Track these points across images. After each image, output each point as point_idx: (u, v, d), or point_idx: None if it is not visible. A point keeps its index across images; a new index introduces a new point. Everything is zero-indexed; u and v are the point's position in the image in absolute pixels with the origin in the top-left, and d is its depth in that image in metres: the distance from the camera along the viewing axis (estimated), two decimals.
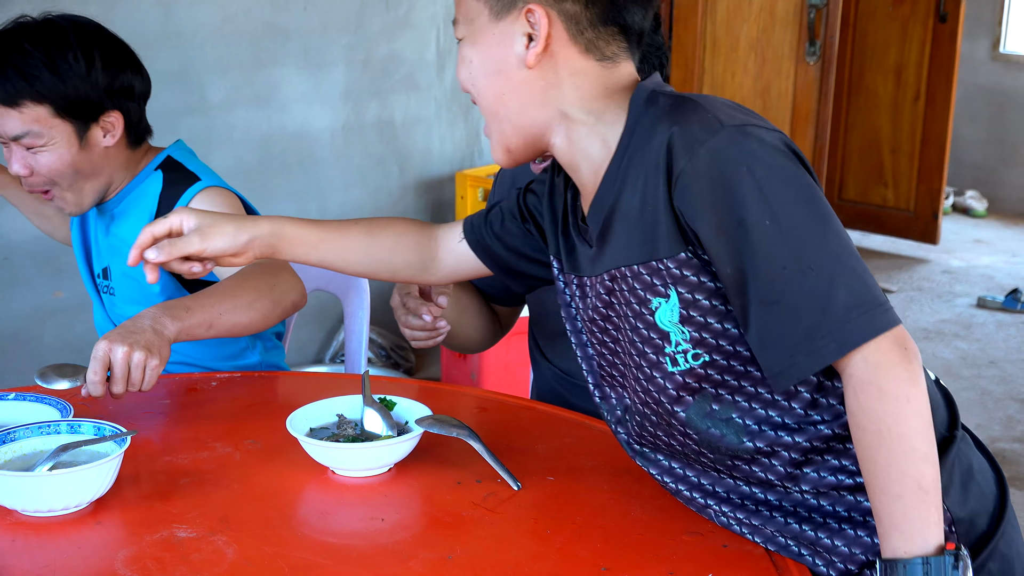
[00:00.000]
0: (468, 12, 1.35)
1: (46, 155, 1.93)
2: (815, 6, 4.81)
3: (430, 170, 4.37)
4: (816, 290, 1.17)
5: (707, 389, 1.29)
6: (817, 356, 1.18)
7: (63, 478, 1.39)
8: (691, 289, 1.25)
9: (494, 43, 1.33)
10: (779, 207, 1.18)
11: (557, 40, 1.31)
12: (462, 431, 1.53)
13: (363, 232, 1.56)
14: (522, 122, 1.35)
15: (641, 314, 1.30)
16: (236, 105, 3.68)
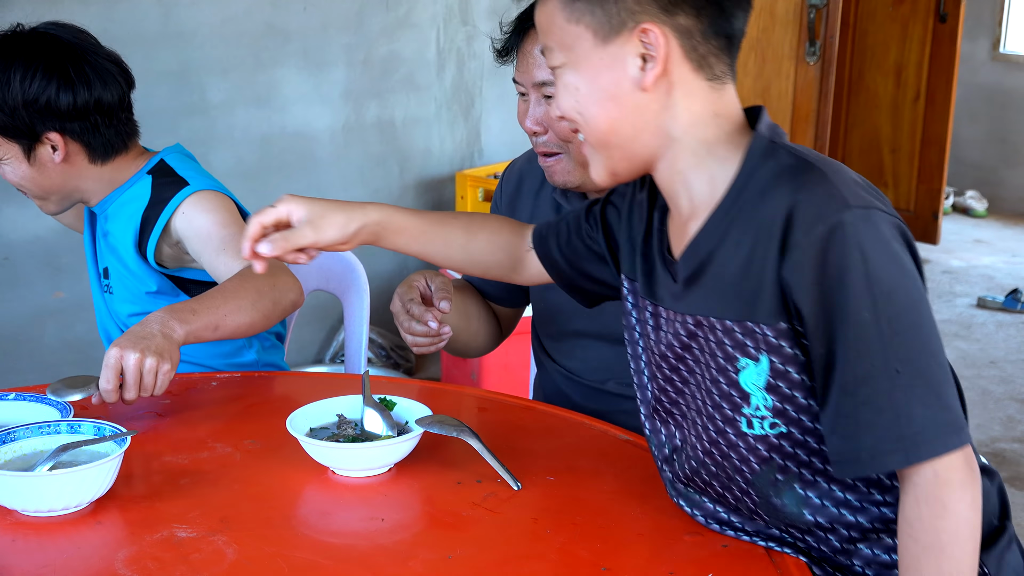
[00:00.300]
0: (564, 38, 1.28)
1: (6, 168, 1.99)
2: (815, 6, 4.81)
3: (430, 170, 4.37)
4: (896, 396, 1.16)
5: (775, 460, 1.28)
6: (881, 461, 1.18)
7: (63, 478, 1.39)
8: (784, 360, 1.23)
9: (604, 68, 1.26)
10: (883, 303, 1.16)
11: (672, 59, 1.25)
12: (462, 431, 1.53)
13: (463, 228, 1.54)
14: (633, 148, 1.29)
15: (724, 369, 1.28)
16: (236, 105, 3.68)
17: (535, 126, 1.76)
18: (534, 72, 1.74)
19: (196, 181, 2.02)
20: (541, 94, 1.75)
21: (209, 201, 1.99)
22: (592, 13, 1.25)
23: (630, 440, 1.63)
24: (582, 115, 1.29)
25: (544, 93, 1.74)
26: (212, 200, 2.00)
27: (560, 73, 1.30)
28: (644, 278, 1.39)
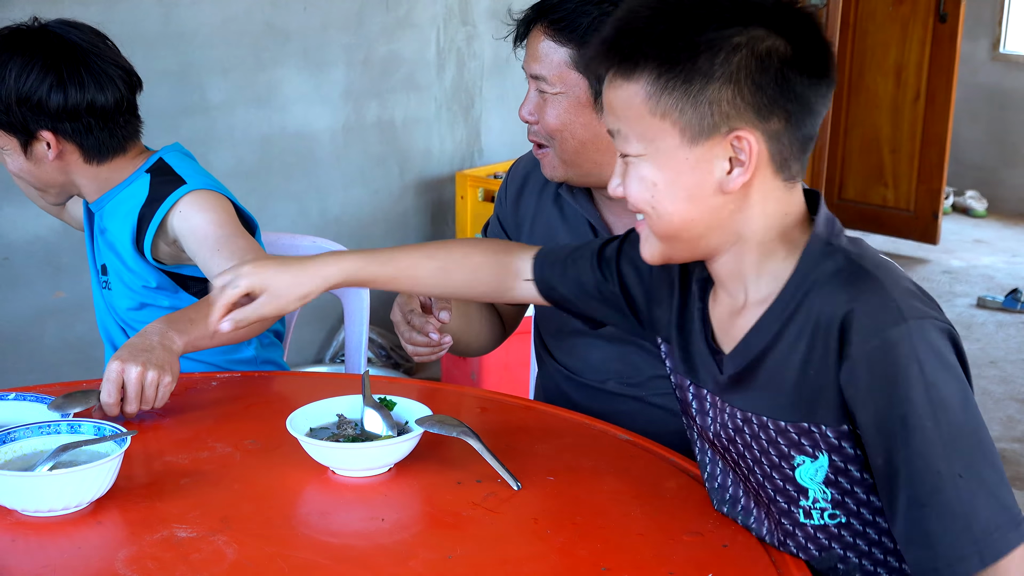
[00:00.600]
0: (648, 131, 1.22)
1: (8, 159, 2.01)
2: (815, 6, 4.80)
3: (430, 170, 4.37)
4: (963, 501, 1.18)
5: (835, 549, 1.29)
6: (959, 568, 1.18)
7: (63, 478, 1.39)
8: (845, 459, 1.24)
9: (688, 169, 1.22)
10: (943, 411, 1.17)
11: (759, 164, 1.22)
12: (462, 431, 1.53)
13: (438, 268, 1.53)
14: (699, 244, 1.27)
15: (780, 466, 1.28)
16: (236, 105, 3.68)
17: (528, 115, 1.78)
18: (531, 64, 1.75)
19: (193, 180, 2.02)
20: (536, 87, 1.76)
21: (206, 201, 1.99)
22: (681, 112, 1.20)
23: (630, 440, 1.63)
24: (655, 209, 1.25)
25: (538, 88, 1.75)
26: (209, 200, 2.00)
27: (634, 163, 1.25)
28: (681, 353, 1.38)
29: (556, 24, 1.72)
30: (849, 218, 6.15)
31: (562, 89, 1.73)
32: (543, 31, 1.74)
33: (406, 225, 4.32)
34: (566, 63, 1.72)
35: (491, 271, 1.56)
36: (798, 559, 1.31)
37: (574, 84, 1.72)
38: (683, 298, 1.39)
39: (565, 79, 1.72)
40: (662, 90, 1.20)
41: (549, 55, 1.73)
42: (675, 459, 1.57)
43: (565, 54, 1.72)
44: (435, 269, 1.53)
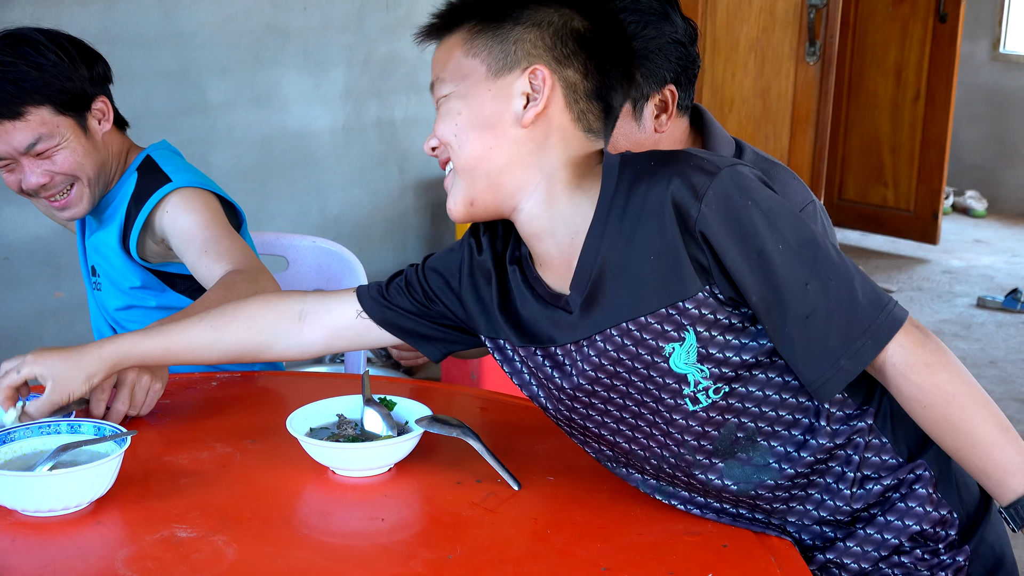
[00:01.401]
0: (461, 69, 1.36)
1: (63, 153, 1.95)
2: (815, 6, 4.81)
3: (430, 170, 4.37)
4: (841, 299, 1.26)
5: (731, 420, 1.32)
6: (858, 357, 1.26)
7: (63, 478, 1.39)
8: (708, 327, 1.29)
9: (489, 99, 1.34)
10: (786, 230, 1.26)
11: (554, 105, 1.34)
12: (462, 431, 1.53)
13: (208, 327, 1.59)
14: (501, 179, 1.35)
15: (653, 363, 1.31)
16: (236, 105, 3.68)
17: None
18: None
19: (178, 177, 2.02)
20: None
21: (193, 201, 1.99)
22: (490, 50, 1.35)
23: None
24: (457, 138, 1.36)
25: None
26: (196, 200, 1.99)
27: (444, 102, 1.37)
28: (515, 331, 1.42)
29: None
30: (849, 218, 6.15)
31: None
32: None
33: (406, 225, 4.32)
34: None
35: (274, 316, 1.59)
36: (799, 560, 1.32)
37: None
38: (501, 282, 1.45)
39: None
40: (476, 35, 1.36)
41: None
42: None
43: None
44: (205, 328, 1.59)
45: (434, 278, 1.52)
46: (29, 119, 1.90)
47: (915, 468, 1.35)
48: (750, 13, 4.91)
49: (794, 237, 1.26)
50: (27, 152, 1.92)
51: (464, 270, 1.49)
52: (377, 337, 1.57)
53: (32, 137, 1.91)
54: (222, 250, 1.92)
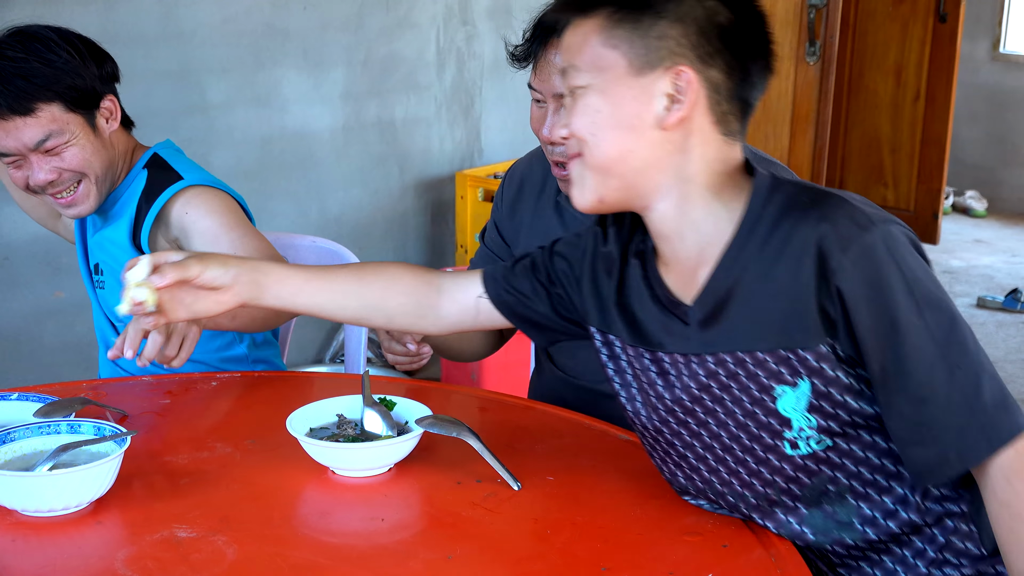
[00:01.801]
0: (598, 61, 1.28)
1: (72, 150, 1.95)
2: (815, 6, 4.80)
3: (430, 170, 4.37)
4: (964, 389, 1.20)
5: (825, 471, 1.30)
6: (969, 455, 1.21)
7: (63, 478, 1.39)
8: (826, 382, 1.25)
9: (630, 97, 1.28)
10: (925, 306, 1.21)
11: (697, 107, 1.28)
12: (462, 431, 1.53)
13: (352, 275, 1.53)
14: (635, 180, 1.30)
15: (760, 400, 1.28)
16: (236, 105, 3.68)
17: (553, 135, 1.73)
18: (555, 82, 1.70)
19: (190, 175, 2.03)
20: (562, 104, 1.72)
21: (212, 201, 2.00)
22: (631, 43, 1.27)
23: (630, 440, 1.63)
24: (594, 136, 1.29)
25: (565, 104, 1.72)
26: (215, 200, 2.00)
27: (581, 93, 1.30)
28: (628, 328, 1.39)
29: None
30: None
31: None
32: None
33: (406, 225, 4.32)
34: None
35: (412, 282, 1.54)
36: (798, 560, 1.31)
37: None
38: (622, 275, 1.41)
39: None
40: (616, 24, 1.28)
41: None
42: None
43: None
44: (351, 276, 1.53)
45: (559, 262, 1.49)
46: (39, 115, 1.90)
47: (996, 563, 1.31)
48: None
49: (932, 315, 1.20)
50: (36, 148, 1.92)
51: (587, 258, 1.45)
52: (491, 319, 1.55)
53: (42, 134, 1.91)
54: (251, 249, 1.93)
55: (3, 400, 1.67)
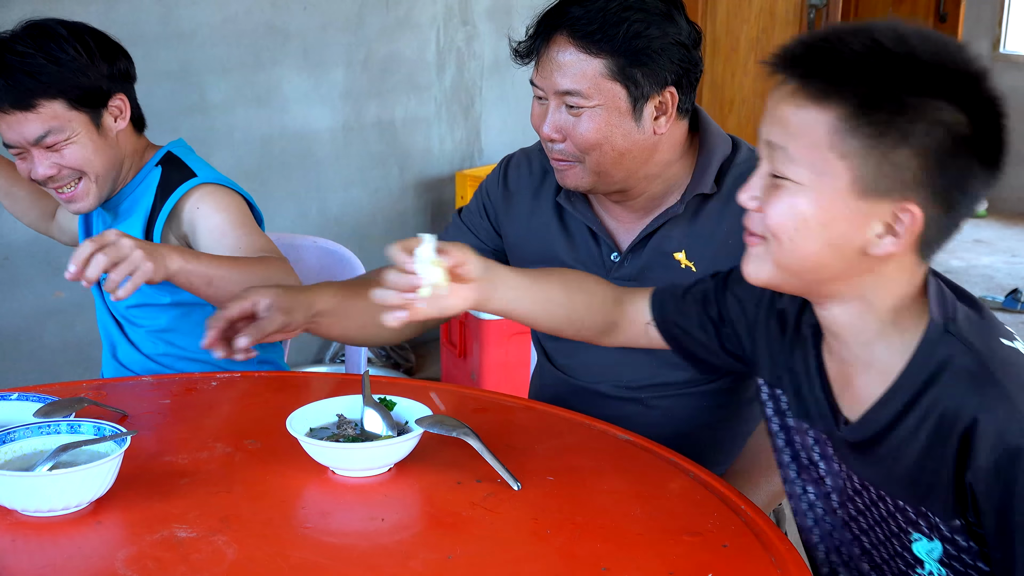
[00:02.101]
0: (822, 164, 1.16)
1: (72, 148, 1.95)
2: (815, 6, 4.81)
3: (430, 170, 4.37)
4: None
5: None
6: None
7: (63, 478, 1.39)
8: (959, 550, 1.23)
9: (844, 216, 1.17)
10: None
11: (910, 239, 1.18)
12: (462, 431, 1.53)
13: (560, 285, 1.53)
14: (819, 286, 1.24)
15: (898, 535, 1.28)
16: (236, 105, 3.68)
17: (554, 133, 1.72)
18: (556, 79, 1.69)
19: (203, 173, 2.05)
20: (563, 102, 1.70)
21: (223, 200, 2.01)
22: (864, 160, 1.15)
23: (630, 440, 1.63)
24: (792, 240, 1.20)
25: (567, 103, 1.69)
26: (226, 198, 2.02)
27: (790, 188, 1.19)
28: (796, 398, 1.36)
29: (589, 35, 1.66)
30: None
31: (600, 101, 1.67)
32: (571, 42, 1.67)
33: (405, 225, 4.32)
34: (602, 74, 1.66)
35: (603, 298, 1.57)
36: (799, 560, 1.31)
37: (613, 95, 1.67)
38: (794, 341, 1.37)
39: (603, 90, 1.67)
40: (853, 130, 1.14)
41: (581, 67, 1.67)
42: (675, 459, 1.57)
43: (601, 65, 1.66)
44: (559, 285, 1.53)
45: (733, 303, 1.46)
46: (41, 111, 1.90)
47: None
48: (750, 13, 4.91)
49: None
50: (36, 143, 1.93)
51: (763, 307, 1.42)
52: (658, 343, 1.56)
53: (42, 130, 1.92)
54: (256, 248, 1.94)
55: (3, 400, 1.67)
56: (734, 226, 1.71)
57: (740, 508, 1.42)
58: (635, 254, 1.80)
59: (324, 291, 1.71)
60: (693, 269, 1.76)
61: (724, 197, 1.76)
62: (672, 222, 1.78)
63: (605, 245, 1.83)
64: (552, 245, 1.86)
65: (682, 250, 1.77)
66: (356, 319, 1.73)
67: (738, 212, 1.71)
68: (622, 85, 1.67)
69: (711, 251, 1.76)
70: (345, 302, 1.71)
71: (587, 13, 1.66)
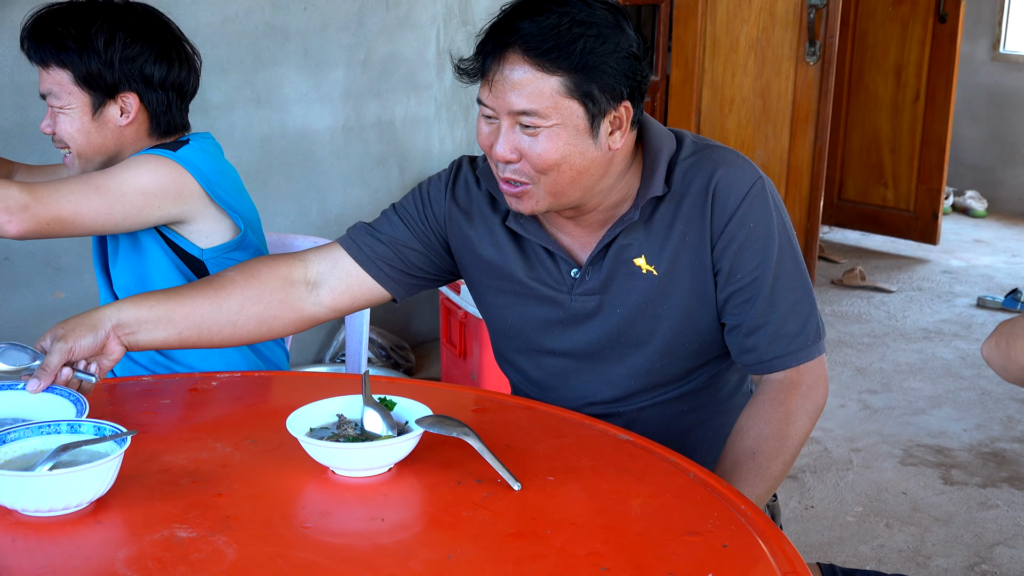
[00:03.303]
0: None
1: (64, 118, 2.05)
2: (815, 6, 4.80)
3: (430, 170, 4.37)
4: None
5: None
6: None
7: (63, 478, 1.39)
8: None
9: None
10: None
11: None
12: (462, 431, 1.53)
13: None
14: None
15: None
16: (236, 105, 3.68)
17: (509, 154, 1.64)
18: (511, 99, 1.61)
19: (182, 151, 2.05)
20: (516, 122, 1.63)
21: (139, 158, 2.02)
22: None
23: (630, 440, 1.63)
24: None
25: (521, 122, 1.62)
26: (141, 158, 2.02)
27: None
28: None
29: (545, 53, 1.58)
30: (849, 218, 6.15)
31: (558, 120, 1.61)
32: (525, 60, 1.59)
33: None
34: (559, 92, 1.60)
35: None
36: (800, 560, 1.31)
37: (571, 113, 1.61)
38: None
39: (560, 109, 1.60)
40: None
41: (537, 85, 1.59)
42: (675, 459, 1.57)
43: (557, 83, 1.59)
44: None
45: None
46: (51, 73, 2.04)
47: None
48: (750, 13, 4.90)
49: None
50: (44, 98, 2.07)
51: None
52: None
53: (46, 88, 2.05)
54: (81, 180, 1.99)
55: (11, 389, 1.64)
56: (689, 222, 1.72)
57: (740, 508, 1.42)
58: (595, 267, 1.77)
59: (123, 304, 1.76)
60: (655, 273, 1.74)
61: (676, 195, 1.73)
62: (628, 229, 1.74)
63: (563, 263, 1.79)
64: (508, 267, 1.82)
65: (642, 255, 1.75)
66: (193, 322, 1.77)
67: (690, 208, 1.71)
68: (579, 103, 1.60)
69: (669, 251, 1.74)
70: (171, 310, 1.75)
71: (540, 30, 1.59)
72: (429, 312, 4.39)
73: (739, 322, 1.75)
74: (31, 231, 1.93)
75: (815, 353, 1.77)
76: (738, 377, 1.92)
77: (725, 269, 1.73)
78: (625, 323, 1.78)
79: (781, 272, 1.73)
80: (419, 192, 1.90)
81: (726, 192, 1.71)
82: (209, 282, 1.79)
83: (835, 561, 3.02)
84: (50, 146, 2.15)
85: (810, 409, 1.76)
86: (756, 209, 1.71)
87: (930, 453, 3.65)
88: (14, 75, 3.11)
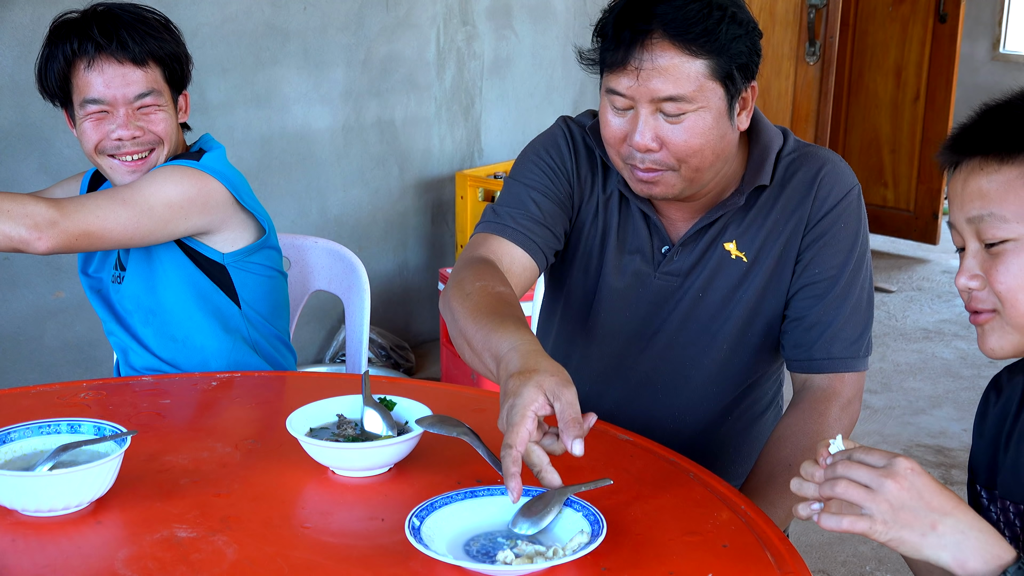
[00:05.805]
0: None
1: (162, 115, 2.03)
2: (815, 6, 4.81)
3: (430, 170, 4.37)
4: None
5: None
6: None
7: (63, 478, 1.39)
8: None
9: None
10: None
11: None
12: (462, 431, 1.52)
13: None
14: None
15: None
16: (236, 105, 3.68)
17: (652, 142, 1.62)
18: (657, 85, 1.59)
19: (205, 159, 2.05)
20: (658, 109, 1.61)
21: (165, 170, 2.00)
22: None
23: (630, 440, 1.63)
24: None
25: (663, 109, 1.60)
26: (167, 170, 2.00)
27: (1014, 247, 1.22)
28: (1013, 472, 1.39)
29: (694, 37, 1.57)
30: None
31: (703, 104, 1.60)
32: (671, 45, 1.58)
33: (406, 225, 4.32)
34: (704, 75, 1.59)
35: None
36: (799, 560, 1.31)
37: (714, 95, 1.61)
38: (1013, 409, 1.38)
39: (706, 92, 1.60)
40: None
41: (684, 70, 1.58)
42: (675, 459, 1.57)
43: (703, 66, 1.59)
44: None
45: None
46: (148, 72, 2.00)
47: None
48: None
49: None
50: (133, 102, 2.00)
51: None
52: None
53: (145, 88, 2.00)
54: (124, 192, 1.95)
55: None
56: (785, 212, 1.75)
57: (740, 508, 1.42)
58: (687, 248, 1.78)
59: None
60: (744, 259, 1.76)
61: (777, 187, 1.76)
62: (727, 214, 1.76)
63: (658, 237, 1.80)
64: (607, 229, 1.81)
65: (733, 240, 1.77)
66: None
67: (787, 202, 1.73)
68: (721, 84, 1.61)
69: (760, 240, 1.76)
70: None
71: (682, 13, 1.58)
72: (429, 312, 4.39)
73: (803, 315, 1.77)
74: (60, 246, 1.87)
75: (860, 366, 1.77)
76: (774, 391, 1.94)
77: (807, 259, 1.76)
78: (702, 308, 1.79)
79: (855, 278, 1.76)
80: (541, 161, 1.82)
81: (830, 187, 1.77)
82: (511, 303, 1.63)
83: (835, 561, 3.02)
84: (50, 145, 2.14)
85: (846, 424, 1.75)
86: (851, 211, 1.78)
87: (930, 453, 3.65)
88: (14, 75, 3.11)
